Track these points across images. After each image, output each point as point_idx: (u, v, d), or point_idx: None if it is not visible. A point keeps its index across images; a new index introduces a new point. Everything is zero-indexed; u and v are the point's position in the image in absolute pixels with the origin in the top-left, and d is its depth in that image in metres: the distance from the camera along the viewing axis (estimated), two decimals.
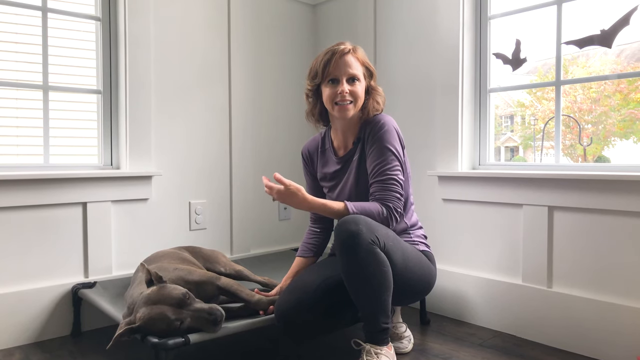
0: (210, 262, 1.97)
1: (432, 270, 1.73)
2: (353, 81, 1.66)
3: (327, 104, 1.70)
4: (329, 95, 1.67)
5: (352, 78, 1.66)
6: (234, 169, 2.58)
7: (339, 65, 1.65)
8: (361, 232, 1.46)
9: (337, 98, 1.64)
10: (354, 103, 1.66)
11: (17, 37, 2.04)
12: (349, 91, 1.64)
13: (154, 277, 1.48)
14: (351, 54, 1.67)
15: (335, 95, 1.65)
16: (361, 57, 1.70)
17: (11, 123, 2.03)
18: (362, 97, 1.69)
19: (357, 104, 1.67)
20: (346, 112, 1.66)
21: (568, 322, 1.86)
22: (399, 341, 1.84)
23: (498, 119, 2.39)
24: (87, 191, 2.08)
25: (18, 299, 1.93)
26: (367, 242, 1.46)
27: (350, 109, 1.66)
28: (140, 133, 2.24)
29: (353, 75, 1.66)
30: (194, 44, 2.43)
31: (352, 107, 1.66)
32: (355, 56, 1.68)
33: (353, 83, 1.66)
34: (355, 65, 1.67)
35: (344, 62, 1.65)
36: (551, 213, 1.91)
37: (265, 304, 1.64)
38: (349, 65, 1.65)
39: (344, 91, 1.63)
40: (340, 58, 1.66)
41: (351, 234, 1.46)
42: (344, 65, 1.65)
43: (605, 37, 1.86)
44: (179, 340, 1.38)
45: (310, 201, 1.59)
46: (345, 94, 1.63)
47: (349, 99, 1.64)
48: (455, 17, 2.20)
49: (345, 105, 1.65)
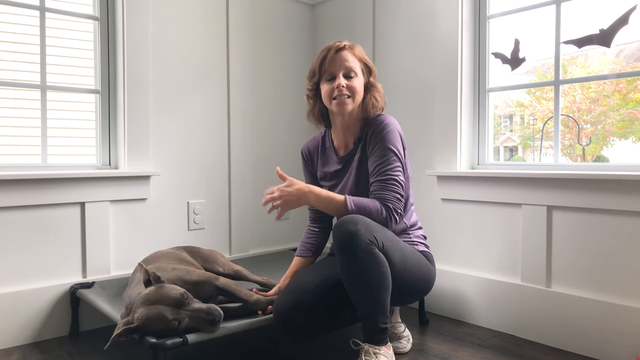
0: (208, 262, 1.97)
1: (431, 271, 1.73)
2: (351, 76, 1.65)
3: (325, 100, 1.69)
4: (327, 92, 1.67)
5: (349, 73, 1.65)
6: (233, 169, 2.57)
7: (334, 61, 1.65)
8: (359, 232, 1.45)
9: (335, 93, 1.64)
10: (352, 98, 1.65)
11: (15, 36, 2.03)
12: (346, 85, 1.64)
13: (152, 277, 1.47)
14: (347, 49, 1.67)
15: (333, 91, 1.65)
16: (358, 53, 1.70)
17: (9, 123, 2.03)
18: (360, 92, 1.68)
19: (355, 98, 1.66)
20: (344, 107, 1.65)
21: (567, 321, 1.85)
22: (397, 341, 1.84)
23: (497, 118, 2.39)
24: (85, 191, 2.07)
25: (16, 299, 1.92)
26: (366, 242, 1.45)
27: (349, 104, 1.65)
28: (138, 133, 2.23)
29: (350, 69, 1.65)
30: (193, 43, 2.43)
31: (350, 102, 1.65)
32: (351, 52, 1.68)
33: (350, 78, 1.65)
34: (351, 60, 1.66)
35: (340, 58, 1.65)
36: (550, 213, 1.91)
37: (263, 304, 1.63)
38: (345, 60, 1.65)
39: (341, 85, 1.63)
40: (336, 54, 1.66)
41: (349, 234, 1.45)
42: (340, 60, 1.65)
43: (604, 36, 1.86)
44: (177, 341, 1.37)
45: (315, 190, 1.62)
46: (342, 87, 1.63)
47: (347, 93, 1.64)
48: (454, 16, 2.20)
49: (343, 100, 1.64)
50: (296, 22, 2.87)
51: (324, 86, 1.68)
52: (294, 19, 2.86)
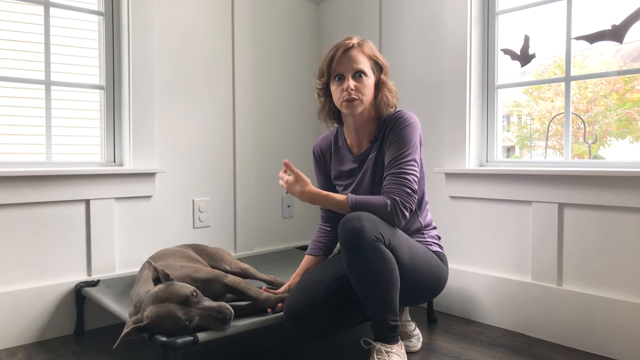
0: (215, 260, 1.94)
1: (442, 271, 1.70)
2: (360, 76, 1.61)
3: (335, 101, 1.67)
4: (336, 93, 1.64)
5: (358, 73, 1.61)
6: (238, 166, 2.55)
7: (343, 61, 1.62)
8: (365, 228, 1.43)
9: (344, 95, 1.61)
10: (361, 99, 1.61)
11: (19, 32, 2.00)
12: (355, 87, 1.60)
13: (161, 275, 1.45)
14: (356, 48, 1.63)
15: (342, 92, 1.61)
16: (368, 50, 1.65)
17: (13, 119, 2.00)
18: (370, 92, 1.64)
19: (365, 99, 1.62)
20: (354, 109, 1.62)
21: (578, 320, 1.83)
22: (408, 340, 1.81)
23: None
24: (90, 188, 2.05)
25: (20, 297, 1.89)
26: (371, 239, 1.43)
27: (358, 105, 1.62)
28: (143, 129, 2.21)
29: (359, 70, 1.61)
30: (198, 40, 2.40)
31: (360, 104, 1.62)
32: (361, 50, 1.63)
33: (360, 78, 1.61)
34: (360, 59, 1.62)
35: (349, 58, 1.61)
36: (561, 210, 1.89)
37: (273, 302, 1.61)
38: (353, 60, 1.61)
39: (349, 87, 1.59)
40: (344, 54, 1.62)
41: (354, 231, 1.43)
42: (348, 60, 1.61)
43: (617, 32, 1.84)
44: (188, 339, 1.35)
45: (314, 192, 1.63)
46: (351, 90, 1.60)
47: (355, 96, 1.60)
48: (463, 12, 2.18)
49: (352, 102, 1.61)
50: (301, 19, 2.85)
51: (333, 86, 1.65)
52: (299, 15, 2.83)
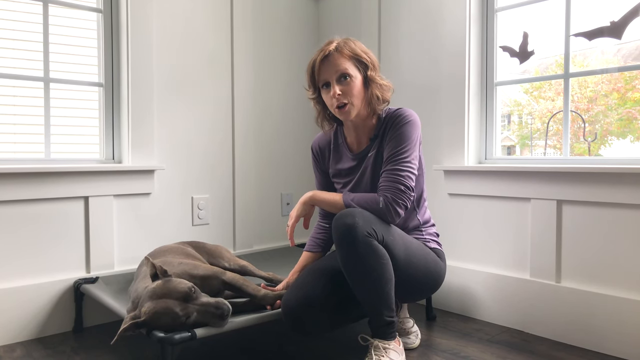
0: (214, 257, 1.95)
1: (439, 267, 1.70)
2: (345, 79, 1.59)
3: (330, 109, 1.66)
4: (327, 100, 1.64)
5: (341, 76, 1.60)
6: (237, 164, 2.55)
7: (323, 69, 1.61)
8: (357, 224, 1.44)
9: (334, 102, 1.61)
10: (351, 102, 1.60)
11: (18, 28, 2.00)
12: (342, 91, 1.59)
13: (159, 271, 1.45)
14: (333, 53, 1.60)
15: (331, 99, 1.61)
16: (348, 51, 1.61)
17: (12, 116, 2.00)
18: (358, 93, 1.61)
19: (355, 100, 1.60)
20: (348, 115, 1.62)
21: (577, 317, 1.84)
22: (406, 336, 1.81)
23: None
24: (88, 185, 2.05)
25: (19, 294, 1.90)
26: (364, 235, 1.44)
27: (350, 110, 1.61)
28: (142, 127, 2.21)
29: (341, 73, 1.59)
30: (197, 37, 2.40)
31: (352, 107, 1.60)
32: (339, 53, 1.60)
33: (345, 81, 1.59)
34: (340, 62, 1.59)
35: (329, 64, 1.60)
36: (560, 207, 1.89)
37: (272, 299, 1.61)
38: (333, 65, 1.59)
39: (335, 93, 1.58)
40: (322, 62, 1.61)
41: (347, 227, 1.44)
42: (329, 66, 1.60)
43: (616, 28, 1.83)
44: (186, 335, 1.35)
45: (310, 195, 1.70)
46: (338, 95, 1.58)
47: (345, 100, 1.59)
48: (462, 9, 2.18)
49: (343, 109, 1.60)
50: (301, 17, 2.84)
51: (324, 94, 1.65)
52: (298, 14, 2.83)
